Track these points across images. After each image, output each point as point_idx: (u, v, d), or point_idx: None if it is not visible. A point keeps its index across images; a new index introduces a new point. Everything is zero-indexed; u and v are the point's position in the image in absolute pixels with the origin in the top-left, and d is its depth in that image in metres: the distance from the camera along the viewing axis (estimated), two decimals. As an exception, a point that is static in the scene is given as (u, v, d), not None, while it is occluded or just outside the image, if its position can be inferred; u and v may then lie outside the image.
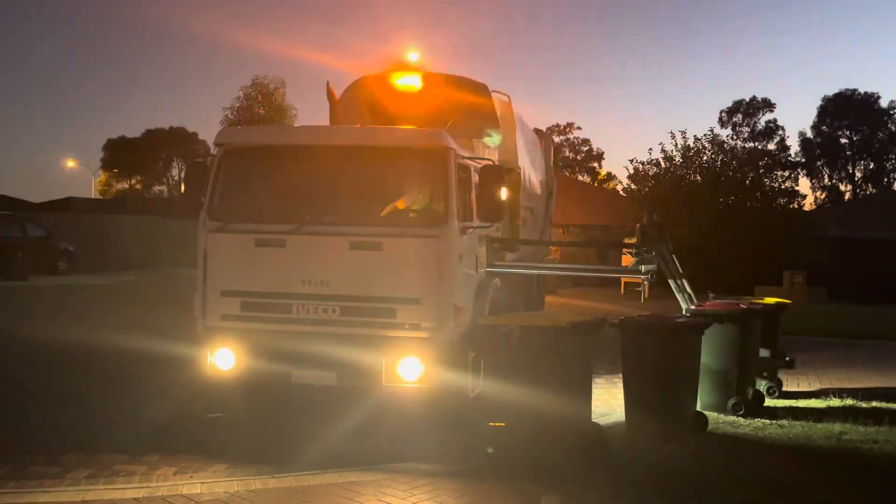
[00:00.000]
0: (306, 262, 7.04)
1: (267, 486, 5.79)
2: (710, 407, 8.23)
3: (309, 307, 7.02)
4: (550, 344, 6.29)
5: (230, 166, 7.40)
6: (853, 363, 12.47)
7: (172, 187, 69.70)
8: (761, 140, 57.14)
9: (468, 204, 7.50)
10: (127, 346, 10.86)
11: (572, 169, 66.51)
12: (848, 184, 62.01)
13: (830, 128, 60.48)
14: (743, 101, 59.47)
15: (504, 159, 9.34)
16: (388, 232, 6.97)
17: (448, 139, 7.18)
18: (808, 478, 6.28)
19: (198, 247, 7.28)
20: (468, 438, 6.71)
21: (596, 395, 7.56)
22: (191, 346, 7.57)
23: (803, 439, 7.33)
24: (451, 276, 6.93)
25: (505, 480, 5.87)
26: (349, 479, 5.90)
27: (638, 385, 7.37)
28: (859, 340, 15.27)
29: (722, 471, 6.36)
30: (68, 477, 5.94)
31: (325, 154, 7.38)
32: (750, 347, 8.54)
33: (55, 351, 11.11)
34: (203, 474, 6.05)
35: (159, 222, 31.51)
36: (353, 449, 6.65)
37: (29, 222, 24.40)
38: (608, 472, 6.12)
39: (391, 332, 6.93)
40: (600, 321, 6.93)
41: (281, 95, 48.69)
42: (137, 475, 6.01)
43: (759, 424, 7.87)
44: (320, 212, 7.20)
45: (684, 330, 7.53)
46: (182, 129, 69.42)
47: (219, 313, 7.22)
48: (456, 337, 6.90)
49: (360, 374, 6.94)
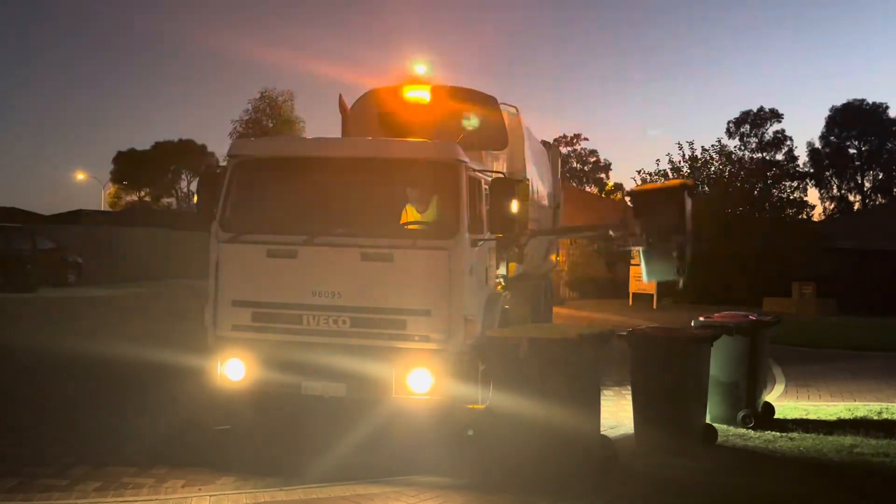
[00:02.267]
0: (317, 273, 7.06)
1: (275, 499, 5.79)
2: (719, 419, 8.19)
3: (320, 318, 7.03)
4: (559, 356, 6.28)
5: (243, 177, 7.44)
6: (863, 375, 12.40)
7: (181, 199, 69.94)
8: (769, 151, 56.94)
9: (479, 216, 7.51)
10: (136, 358, 10.90)
11: (580, 180, 66.50)
12: (857, 194, 61.79)
13: (839, 138, 60.27)
14: (751, 112, 59.30)
15: (513, 171, 9.36)
16: (399, 244, 6.99)
17: (460, 152, 7.21)
18: (819, 492, 6.23)
19: (210, 257, 7.31)
20: (477, 451, 6.70)
21: (604, 407, 7.53)
22: (200, 357, 7.58)
23: (814, 452, 7.29)
24: (462, 289, 6.94)
25: (513, 494, 5.85)
26: (357, 491, 5.90)
27: (647, 397, 7.34)
28: (869, 352, 15.20)
29: (732, 485, 6.32)
30: (77, 489, 5.96)
31: (337, 166, 7.41)
32: (759, 359, 8.50)
33: (64, 362, 11.15)
34: (211, 487, 6.06)
35: (168, 234, 31.59)
36: (362, 461, 6.64)
37: (39, 234, 24.52)
38: (617, 486, 6.09)
39: (401, 344, 6.93)
40: (609, 333, 6.91)
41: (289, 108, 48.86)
42: (146, 487, 6.02)
43: (769, 437, 7.83)
44: (332, 223, 7.22)
45: (693, 342, 7.51)
46: (191, 141, 69.71)
47: (230, 323, 7.24)
48: (466, 349, 6.90)
49: (370, 385, 6.94)
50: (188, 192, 68.53)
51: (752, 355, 8.32)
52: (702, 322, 8.35)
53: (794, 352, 14.51)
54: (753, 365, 8.34)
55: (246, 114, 48.08)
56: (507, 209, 7.47)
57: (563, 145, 66.60)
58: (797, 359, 13.71)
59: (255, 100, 48.44)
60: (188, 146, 69.16)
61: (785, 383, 11.39)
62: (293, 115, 48.52)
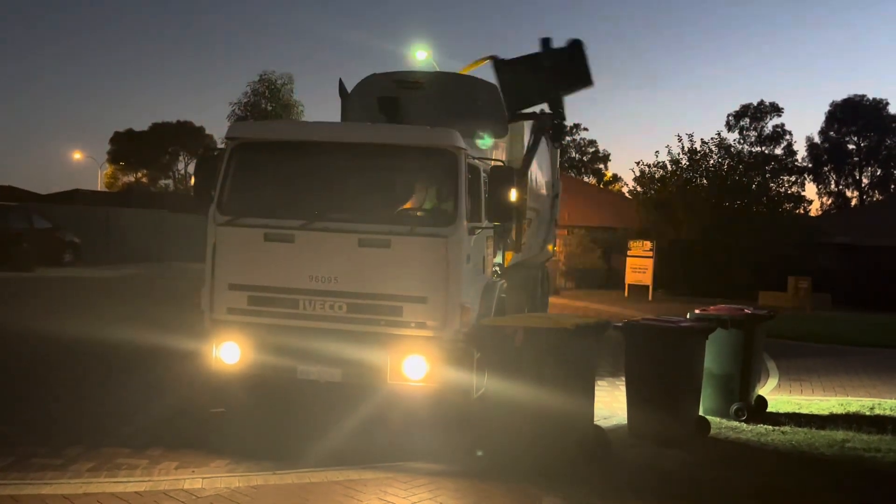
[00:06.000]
0: (314, 258, 7.05)
1: (268, 482, 5.80)
2: (712, 412, 8.22)
3: (316, 303, 7.03)
4: (554, 346, 6.29)
5: (241, 160, 7.41)
6: (857, 370, 12.45)
7: (178, 181, 69.71)
8: (768, 144, 57.00)
9: (477, 204, 7.50)
10: (131, 340, 10.89)
11: (578, 170, 66.44)
12: (854, 190, 61.84)
13: (838, 133, 60.27)
14: (751, 106, 59.29)
15: (512, 160, 9.34)
16: (397, 230, 6.97)
17: (459, 139, 7.18)
18: (809, 486, 6.26)
19: (207, 239, 7.29)
20: (471, 438, 6.72)
21: (598, 397, 7.55)
22: (195, 339, 7.58)
23: (806, 446, 7.32)
24: (458, 276, 6.93)
25: (506, 481, 5.88)
26: (350, 476, 5.91)
27: (641, 388, 7.36)
28: (863, 348, 15.26)
29: (724, 477, 6.35)
30: (70, 469, 5.96)
31: (335, 150, 7.38)
32: (753, 353, 8.51)
33: (59, 343, 11.14)
34: (205, 469, 6.07)
35: (165, 216, 31.51)
36: (356, 446, 6.66)
37: (35, 213, 24.41)
38: (609, 475, 6.12)
39: (397, 331, 6.94)
40: (604, 324, 6.92)
41: (289, 91, 48.59)
42: (139, 469, 6.04)
43: (761, 430, 7.87)
44: (329, 208, 7.20)
45: (688, 334, 7.52)
46: (189, 123, 69.44)
47: (225, 307, 7.23)
48: (461, 337, 6.90)
49: (365, 371, 6.95)
50: (186, 174, 68.29)
51: (747, 349, 8.34)
52: (697, 314, 8.36)
53: (789, 346, 14.55)
54: (747, 358, 8.37)
55: (245, 96, 47.81)
56: (506, 197, 7.45)
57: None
58: (791, 353, 13.75)
59: (254, 83, 48.17)
60: (186, 128, 68.88)
61: (778, 377, 11.43)
62: (292, 99, 48.29)
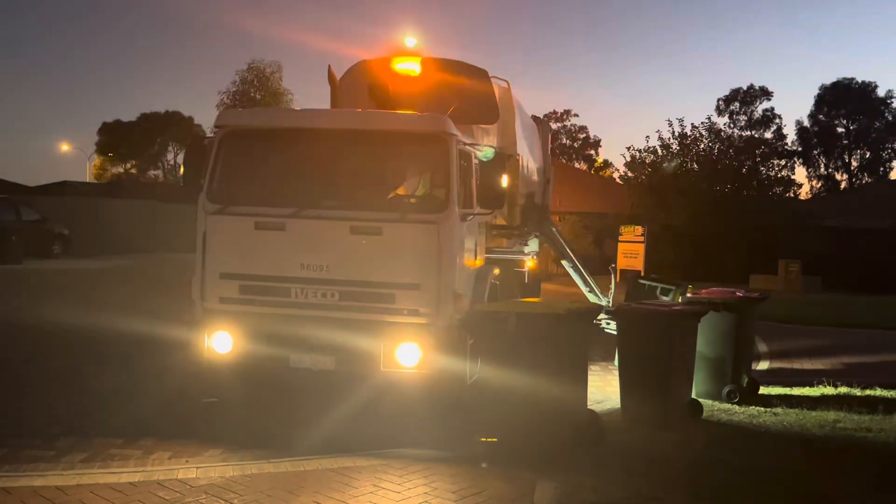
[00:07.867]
0: (306, 246, 7.02)
1: (263, 470, 5.80)
2: (705, 395, 8.26)
3: (308, 291, 7.01)
4: (547, 331, 6.30)
5: (231, 148, 7.36)
6: (847, 351, 12.53)
7: (168, 171, 69.35)
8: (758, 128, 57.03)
9: (469, 190, 7.48)
10: (122, 330, 10.86)
11: (569, 156, 66.45)
12: (844, 173, 62.03)
13: (827, 117, 60.37)
14: (740, 90, 59.30)
15: (503, 145, 9.31)
16: (389, 217, 6.95)
17: (451, 125, 7.15)
18: (801, 466, 6.30)
19: (197, 229, 7.25)
20: (464, 424, 6.73)
21: (591, 381, 7.56)
22: (187, 329, 7.55)
23: (797, 427, 7.37)
24: (451, 263, 6.92)
25: (500, 466, 5.89)
26: (345, 464, 5.91)
27: (634, 372, 7.38)
28: (853, 329, 15.35)
29: (716, 458, 6.38)
30: (63, 460, 5.94)
31: (326, 138, 7.33)
32: (745, 335, 8.56)
33: (50, 334, 11.10)
34: (198, 459, 6.06)
35: (154, 206, 31.36)
36: (350, 434, 6.65)
37: (23, 206, 24.27)
38: (603, 459, 6.14)
39: (390, 318, 6.92)
40: (597, 309, 6.95)
41: (277, 79, 48.40)
42: (133, 459, 6.02)
43: (753, 412, 7.91)
44: (321, 196, 7.17)
45: (680, 318, 7.54)
46: (178, 113, 68.97)
47: (217, 296, 7.20)
48: (454, 323, 6.90)
49: (358, 359, 6.94)
50: (175, 164, 67.94)
51: (739, 331, 8.37)
52: (689, 298, 8.39)
53: (780, 328, 14.63)
54: (739, 341, 8.40)
55: (233, 85, 47.70)
56: (498, 183, 7.43)
57: (553, 121, 66.44)
58: (783, 335, 13.83)
59: (242, 71, 48.02)
60: (175, 118, 68.42)
61: (770, 359, 11.48)
62: (281, 87, 48.13)
